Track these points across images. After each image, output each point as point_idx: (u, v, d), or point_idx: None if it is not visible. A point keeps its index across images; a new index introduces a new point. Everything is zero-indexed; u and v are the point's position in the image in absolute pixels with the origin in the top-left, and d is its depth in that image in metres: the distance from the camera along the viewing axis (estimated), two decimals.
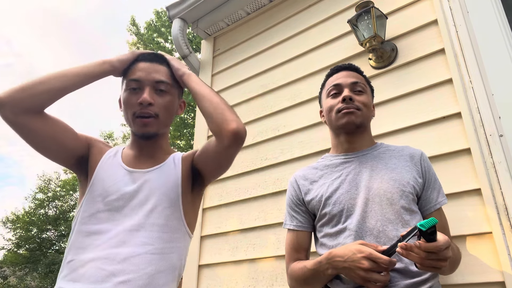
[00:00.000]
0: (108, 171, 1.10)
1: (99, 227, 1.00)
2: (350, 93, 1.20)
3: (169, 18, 2.70)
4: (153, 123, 1.10)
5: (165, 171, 1.13)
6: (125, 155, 1.17)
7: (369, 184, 1.12)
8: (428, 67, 1.64)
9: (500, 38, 1.49)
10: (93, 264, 0.93)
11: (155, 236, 1.01)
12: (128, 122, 1.14)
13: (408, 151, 1.21)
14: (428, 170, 1.17)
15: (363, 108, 1.20)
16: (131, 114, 1.10)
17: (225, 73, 2.53)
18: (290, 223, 1.24)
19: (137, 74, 1.11)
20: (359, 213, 1.08)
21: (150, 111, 1.09)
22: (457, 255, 1.11)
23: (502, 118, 1.38)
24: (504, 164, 1.32)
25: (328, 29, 2.08)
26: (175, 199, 1.09)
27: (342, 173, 1.19)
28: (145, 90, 1.09)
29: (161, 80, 1.13)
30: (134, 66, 1.14)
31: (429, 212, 1.14)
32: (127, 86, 1.12)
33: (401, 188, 1.09)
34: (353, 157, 1.22)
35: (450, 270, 1.13)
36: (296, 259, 1.19)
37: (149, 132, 1.12)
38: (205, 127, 2.45)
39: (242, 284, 1.90)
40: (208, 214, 2.20)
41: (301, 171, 1.30)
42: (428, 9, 1.72)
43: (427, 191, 1.15)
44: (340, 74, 1.26)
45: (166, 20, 13.19)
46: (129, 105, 1.11)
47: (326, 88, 1.29)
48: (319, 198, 1.17)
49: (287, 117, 2.08)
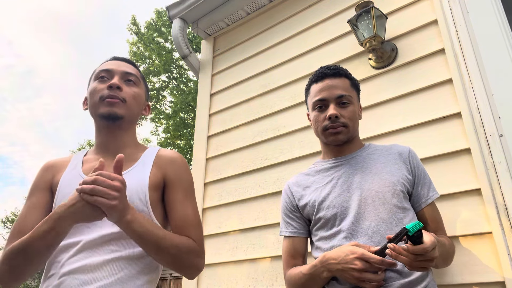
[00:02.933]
0: (71, 186, 1.06)
1: (70, 240, 1.00)
2: (335, 111, 1.17)
3: (169, 18, 2.70)
4: (121, 105, 1.10)
5: (131, 176, 1.07)
6: (87, 162, 1.14)
7: (361, 186, 1.14)
8: (428, 67, 1.64)
9: (500, 38, 1.48)
10: (68, 277, 0.95)
11: (124, 243, 1.00)
12: (94, 109, 1.11)
13: (396, 149, 1.23)
14: (417, 166, 1.19)
15: (349, 124, 1.19)
16: (98, 98, 1.09)
17: (225, 73, 2.53)
18: (286, 230, 1.25)
19: (107, 66, 1.14)
20: (352, 215, 1.09)
21: (117, 95, 1.10)
22: (449, 249, 1.13)
23: (502, 118, 1.38)
24: (504, 164, 1.32)
25: (328, 29, 2.08)
26: (142, 205, 1.04)
27: (334, 177, 1.20)
28: (114, 77, 1.12)
29: (130, 72, 1.16)
30: (102, 64, 1.18)
31: (421, 208, 1.15)
32: (96, 77, 1.14)
33: (392, 187, 1.11)
34: (343, 160, 1.23)
35: (444, 264, 1.16)
36: (293, 265, 1.19)
37: (116, 113, 1.09)
38: (205, 127, 2.45)
39: (242, 284, 1.90)
40: (208, 214, 2.20)
41: (294, 178, 1.32)
42: (428, 9, 1.72)
43: (417, 187, 1.17)
44: (325, 85, 1.22)
45: (166, 19, 13.19)
46: (96, 91, 1.11)
47: (311, 98, 1.26)
48: (312, 203, 1.18)
49: (287, 117, 2.08)
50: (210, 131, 2.43)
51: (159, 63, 13.39)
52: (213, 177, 2.26)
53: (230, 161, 2.24)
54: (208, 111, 2.49)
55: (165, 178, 1.10)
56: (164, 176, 1.10)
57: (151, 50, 13.45)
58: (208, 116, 2.48)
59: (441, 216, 1.21)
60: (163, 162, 1.12)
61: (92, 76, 1.20)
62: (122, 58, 1.21)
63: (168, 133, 13.35)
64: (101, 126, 1.15)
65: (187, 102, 12.77)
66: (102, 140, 1.15)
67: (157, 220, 1.06)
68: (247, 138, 2.22)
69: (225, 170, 2.23)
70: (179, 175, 1.12)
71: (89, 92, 1.14)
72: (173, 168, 1.12)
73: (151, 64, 13.69)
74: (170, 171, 1.11)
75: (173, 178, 1.10)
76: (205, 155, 2.37)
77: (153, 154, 1.14)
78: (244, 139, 2.22)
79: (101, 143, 1.15)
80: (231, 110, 2.38)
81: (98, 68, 1.18)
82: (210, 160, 2.34)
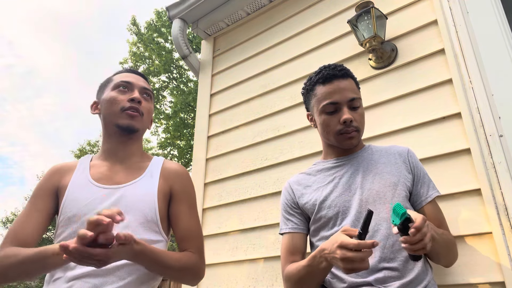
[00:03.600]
0: (80, 190, 1.09)
1: None
2: (349, 115, 1.14)
3: (169, 18, 2.70)
4: (139, 119, 1.17)
5: (140, 186, 1.12)
6: (95, 168, 1.16)
7: (362, 186, 1.14)
8: (428, 67, 1.64)
9: (500, 38, 1.48)
10: (78, 281, 0.96)
11: None
12: (112, 117, 1.15)
13: (395, 149, 1.23)
14: (416, 165, 1.19)
15: (360, 127, 1.19)
16: (119, 109, 1.15)
17: (225, 73, 2.53)
18: (285, 227, 1.24)
19: (127, 78, 1.20)
20: (353, 215, 1.10)
21: (139, 108, 1.17)
22: (449, 237, 1.12)
23: (502, 118, 1.38)
24: (504, 164, 1.32)
25: (328, 29, 2.08)
26: (152, 216, 1.08)
27: (335, 177, 1.20)
28: (135, 91, 1.19)
29: (147, 88, 1.24)
30: (122, 73, 1.23)
31: (421, 206, 1.15)
32: (116, 87, 1.18)
33: (393, 187, 1.12)
34: (345, 160, 1.23)
35: (447, 255, 1.14)
36: (291, 262, 1.16)
37: (134, 127, 1.16)
38: (205, 127, 2.45)
39: (242, 284, 1.90)
40: (208, 214, 2.20)
41: (295, 177, 1.31)
42: (428, 9, 1.72)
43: (417, 186, 1.17)
44: (336, 87, 1.17)
45: (166, 20, 13.20)
46: (116, 101, 1.15)
47: (319, 100, 1.20)
48: (313, 202, 1.18)
49: (287, 117, 2.08)
50: (210, 131, 2.43)
51: (159, 63, 13.39)
52: (213, 177, 2.26)
53: (230, 161, 2.24)
54: (208, 111, 2.49)
55: (172, 191, 1.16)
56: (171, 188, 1.16)
57: (151, 50, 13.45)
58: (208, 116, 2.48)
59: (444, 215, 1.20)
60: (170, 175, 1.18)
61: (107, 84, 1.23)
62: (138, 72, 1.27)
63: (168, 133, 13.35)
64: (112, 133, 1.18)
65: (187, 102, 12.77)
66: (111, 146, 1.19)
67: (162, 229, 1.11)
68: (247, 138, 2.22)
69: (225, 170, 2.23)
70: (184, 188, 1.18)
71: (107, 100, 1.17)
72: (179, 181, 1.18)
73: (151, 64, 13.68)
74: (177, 184, 1.17)
75: (179, 191, 1.17)
76: (205, 155, 2.37)
77: (159, 165, 1.20)
78: (244, 139, 2.22)
79: (109, 149, 1.19)
80: (231, 110, 2.38)
81: (115, 78, 1.22)
82: (210, 160, 2.34)
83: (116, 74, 1.24)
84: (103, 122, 1.20)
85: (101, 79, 1.28)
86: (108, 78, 1.25)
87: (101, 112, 1.20)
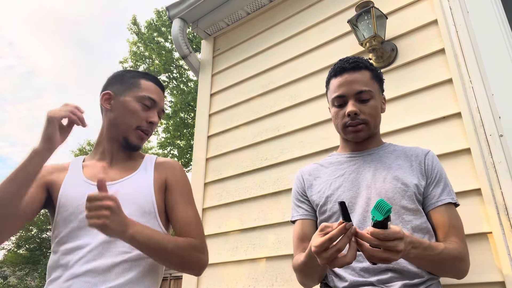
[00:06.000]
0: (75, 189, 1.09)
1: (78, 243, 1.01)
2: (355, 108, 1.13)
3: (169, 18, 2.70)
4: (146, 138, 1.19)
5: (136, 180, 1.13)
6: (88, 167, 1.16)
7: (371, 184, 1.12)
8: (428, 67, 1.64)
9: (500, 38, 1.48)
10: (77, 279, 0.96)
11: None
12: (123, 127, 1.15)
13: (415, 151, 1.19)
14: (431, 168, 1.14)
15: (369, 120, 1.16)
16: (135, 126, 1.15)
17: (225, 73, 2.53)
18: (296, 214, 1.24)
19: (155, 96, 1.19)
20: (360, 213, 1.08)
21: (151, 130, 1.19)
22: (441, 254, 0.98)
23: (502, 118, 1.38)
24: (504, 164, 1.32)
25: (328, 29, 2.08)
26: (149, 208, 1.09)
27: (346, 171, 1.19)
28: (155, 113, 1.19)
29: (163, 109, 1.25)
30: (151, 84, 1.20)
31: (430, 209, 1.09)
32: (141, 100, 1.16)
33: (403, 188, 1.08)
34: (358, 156, 1.21)
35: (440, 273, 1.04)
36: (302, 249, 1.15)
37: (140, 146, 1.19)
38: (205, 127, 2.45)
39: (242, 284, 1.90)
40: (208, 214, 2.20)
41: (307, 167, 1.31)
42: (428, 9, 1.72)
43: (428, 189, 1.12)
44: (344, 80, 1.17)
45: (166, 19, 13.19)
46: (137, 117, 1.15)
47: (331, 93, 1.22)
48: (321, 194, 1.17)
49: (287, 117, 2.08)
50: (210, 131, 2.43)
51: (159, 63, 13.39)
52: (213, 177, 2.27)
53: (230, 161, 2.24)
54: (208, 111, 2.49)
55: (167, 182, 1.17)
56: (165, 180, 1.17)
57: (151, 50, 13.45)
58: (208, 116, 2.48)
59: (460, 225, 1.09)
60: (163, 168, 1.20)
61: (132, 86, 1.18)
62: (163, 87, 1.27)
63: (168, 133, 13.35)
64: (115, 139, 1.18)
65: (187, 102, 12.77)
66: (108, 149, 1.19)
67: (161, 221, 1.11)
68: (247, 138, 2.22)
69: (225, 170, 2.23)
70: (179, 179, 1.19)
71: (128, 109, 1.15)
72: (173, 173, 1.19)
73: (151, 64, 13.69)
74: (171, 175, 1.18)
75: (174, 182, 1.17)
76: (205, 155, 2.37)
77: (152, 161, 1.22)
78: (244, 139, 2.22)
79: (106, 151, 1.19)
80: (231, 110, 2.38)
81: (144, 88, 1.18)
82: (210, 160, 2.34)
83: (144, 80, 1.20)
84: (110, 123, 1.17)
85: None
86: (134, 80, 1.19)
87: (112, 111, 1.17)
